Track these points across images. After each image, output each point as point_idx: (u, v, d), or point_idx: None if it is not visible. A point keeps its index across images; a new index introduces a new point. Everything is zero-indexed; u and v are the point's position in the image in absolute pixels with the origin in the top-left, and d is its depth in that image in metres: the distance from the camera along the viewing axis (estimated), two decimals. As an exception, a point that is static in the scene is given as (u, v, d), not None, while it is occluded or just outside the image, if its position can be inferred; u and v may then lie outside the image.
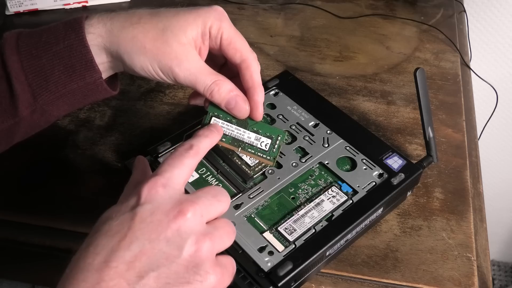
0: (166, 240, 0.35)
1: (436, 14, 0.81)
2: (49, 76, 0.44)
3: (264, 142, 0.49)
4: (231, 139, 0.48)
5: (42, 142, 0.60)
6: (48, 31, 0.45)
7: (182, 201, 0.37)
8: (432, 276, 0.50)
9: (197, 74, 0.44)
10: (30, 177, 0.57)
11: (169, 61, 0.43)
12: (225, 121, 0.48)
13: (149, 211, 0.36)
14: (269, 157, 0.49)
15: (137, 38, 0.43)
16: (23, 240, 0.53)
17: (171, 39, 0.43)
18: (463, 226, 0.54)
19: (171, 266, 0.35)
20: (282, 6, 0.82)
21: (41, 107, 0.45)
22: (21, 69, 0.44)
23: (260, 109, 0.47)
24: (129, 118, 0.64)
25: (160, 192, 0.38)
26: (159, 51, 0.43)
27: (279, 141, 0.49)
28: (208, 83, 0.45)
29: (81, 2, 0.80)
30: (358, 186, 0.51)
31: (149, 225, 0.36)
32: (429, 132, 0.56)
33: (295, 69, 0.71)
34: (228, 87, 0.45)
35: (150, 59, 0.44)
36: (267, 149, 0.49)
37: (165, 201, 0.37)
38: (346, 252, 0.51)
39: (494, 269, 1.55)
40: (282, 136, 0.49)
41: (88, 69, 0.44)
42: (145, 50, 0.43)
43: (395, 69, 0.72)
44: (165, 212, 0.36)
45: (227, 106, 0.46)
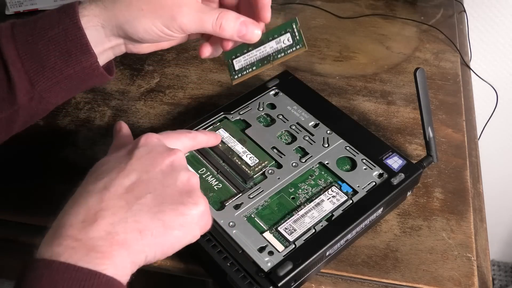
0: (161, 171, 0.41)
1: (436, 14, 0.81)
2: (45, 62, 0.44)
3: (285, 39, 0.49)
4: (260, 61, 0.50)
5: (42, 142, 0.60)
6: (42, 18, 0.45)
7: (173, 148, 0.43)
8: (432, 276, 0.50)
9: (201, 14, 0.45)
10: (30, 177, 0.57)
11: (169, 12, 0.44)
12: (244, 54, 0.49)
13: (145, 151, 0.42)
14: (299, 45, 0.49)
15: (132, 3, 0.44)
16: (23, 240, 0.53)
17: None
18: (463, 226, 0.54)
19: (166, 190, 0.40)
20: (282, 6, 0.82)
21: (39, 94, 0.45)
22: (17, 56, 0.44)
23: (268, 10, 0.47)
24: (129, 118, 0.64)
25: (155, 140, 0.43)
26: (156, 7, 0.44)
27: (296, 28, 0.49)
28: (214, 18, 0.45)
29: (81, 2, 0.80)
30: (358, 186, 0.51)
31: (146, 161, 0.41)
32: (429, 132, 0.56)
33: (295, 69, 0.71)
34: (234, 15, 0.46)
35: (150, 19, 0.44)
36: (292, 42, 0.49)
37: (160, 146, 0.43)
38: (346, 252, 0.51)
39: (494, 269, 1.55)
40: (295, 22, 0.49)
41: (83, 53, 0.44)
42: (143, 12, 0.44)
43: (395, 69, 0.72)
44: (159, 152, 0.42)
45: (239, 34, 0.46)
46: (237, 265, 0.45)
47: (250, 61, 0.49)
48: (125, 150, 0.43)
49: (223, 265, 0.45)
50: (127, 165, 0.40)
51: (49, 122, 0.63)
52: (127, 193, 0.38)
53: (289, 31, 0.49)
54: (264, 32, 0.48)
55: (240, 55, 0.49)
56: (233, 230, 0.47)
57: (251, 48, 0.49)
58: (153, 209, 0.38)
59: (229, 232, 0.47)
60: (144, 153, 0.41)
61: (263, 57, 0.49)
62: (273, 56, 0.49)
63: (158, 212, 0.38)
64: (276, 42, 0.49)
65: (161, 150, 0.42)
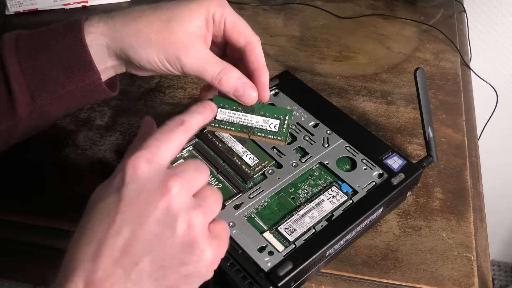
0: (156, 221, 0.34)
1: (436, 14, 0.81)
2: (47, 76, 0.44)
3: (272, 124, 0.48)
4: (240, 127, 0.48)
5: (42, 142, 0.60)
6: (47, 31, 0.45)
7: (167, 178, 0.36)
8: (432, 276, 0.50)
9: (205, 63, 0.44)
10: (30, 177, 0.57)
11: (175, 50, 0.43)
12: (231, 110, 0.47)
13: (135, 192, 0.35)
14: (280, 137, 0.48)
15: (141, 31, 0.43)
16: (23, 240, 0.53)
17: (176, 29, 0.43)
18: (463, 226, 0.54)
19: (165, 248, 0.34)
20: (282, 6, 0.82)
21: (40, 108, 0.45)
22: (19, 70, 0.44)
23: (267, 90, 0.47)
24: (129, 118, 0.64)
25: (145, 169, 0.36)
26: (165, 41, 0.43)
27: (287, 121, 0.48)
28: (216, 71, 0.44)
29: (81, 2, 0.80)
30: (358, 186, 0.51)
31: (137, 207, 0.35)
32: (429, 132, 0.56)
33: (295, 69, 0.71)
34: (237, 75, 0.45)
35: (156, 51, 0.43)
36: (277, 130, 0.48)
37: (150, 179, 0.36)
38: (346, 252, 0.51)
39: (494, 269, 1.55)
40: (290, 115, 0.48)
41: (86, 70, 0.44)
42: (150, 42, 0.43)
43: (395, 69, 0.72)
44: (151, 191, 0.35)
45: (236, 93, 0.45)
46: (237, 265, 0.45)
47: (232, 121, 0.47)
48: (116, 181, 0.36)
49: (223, 265, 0.45)
50: (117, 215, 0.34)
51: (49, 122, 0.63)
52: (123, 257, 0.34)
53: (280, 119, 0.48)
54: (269, 95, 0.47)
55: (227, 109, 0.47)
56: (233, 230, 0.47)
57: (241, 109, 0.47)
58: (154, 275, 0.34)
59: (229, 232, 0.47)
60: (134, 195, 0.35)
61: (245, 125, 0.48)
62: (254, 130, 0.48)
63: (160, 278, 0.35)
64: (264, 120, 0.48)
65: (153, 187, 0.35)
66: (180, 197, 0.35)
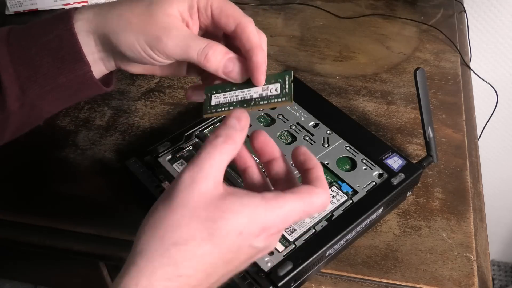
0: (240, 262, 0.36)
1: (436, 14, 0.81)
2: (38, 68, 0.43)
3: (273, 88, 0.43)
4: (239, 103, 0.43)
5: (42, 142, 0.60)
6: (38, 23, 0.44)
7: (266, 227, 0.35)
8: (432, 276, 0.50)
9: (188, 40, 0.41)
10: (30, 177, 0.57)
11: (156, 31, 0.42)
12: (225, 93, 0.43)
13: (230, 252, 0.35)
14: (285, 97, 0.42)
15: (123, 14, 0.42)
16: (23, 240, 0.53)
17: (157, 11, 0.42)
18: (463, 226, 0.54)
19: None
20: (282, 6, 0.82)
21: (31, 101, 0.44)
22: (9, 61, 0.43)
23: (261, 72, 0.41)
24: (129, 118, 0.64)
25: (242, 236, 0.35)
26: (145, 24, 0.42)
27: (288, 81, 0.43)
28: (201, 46, 0.41)
29: (81, 2, 0.80)
30: (358, 186, 0.51)
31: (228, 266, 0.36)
32: (429, 132, 0.56)
33: (295, 69, 0.71)
34: (223, 49, 0.42)
35: (136, 35, 0.42)
36: (279, 93, 0.42)
37: (246, 241, 0.35)
38: (346, 252, 0.51)
39: (494, 269, 1.55)
40: (289, 75, 0.43)
41: (77, 60, 0.43)
42: (131, 26, 0.42)
43: (395, 69, 0.72)
44: (246, 250, 0.36)
45: (225, 70, 0.42)
46: (237, 265, 0.45)
47: (229, 100, 0.43)
48: (206, 231, 0.34)
49: (223, 265, 0.45)
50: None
51: (49, 122, 0.63)
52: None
53: (280, 82, 0.43)
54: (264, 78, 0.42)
55: (221, 92, 0.43)
56: (233, 230, 0.47)
57: (235, 89, 0.43)
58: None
59: None
60: (229, 256, 0.35)
61: (243, 99, 0.43)
62: (254, 101, 0.42)
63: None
64: (262, 88, 0.43)
65: (249, 251, 0.36)
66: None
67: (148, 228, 0.34)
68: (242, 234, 0.34)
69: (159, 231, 0.34)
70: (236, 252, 0.35)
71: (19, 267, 0.68)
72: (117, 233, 0.52)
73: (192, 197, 0.34)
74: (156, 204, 0.35)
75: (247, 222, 0.34)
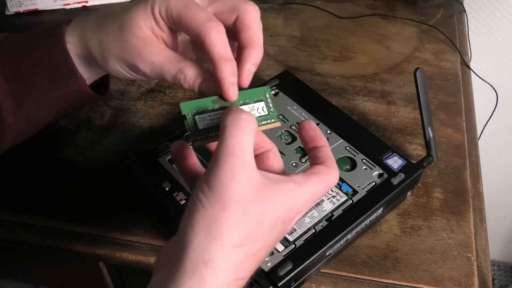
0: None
1: (436, 14, 0.81)
2: (31, 83, 0.43)
3: (259, 107, 0.41)
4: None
5: (42, 142, 0.60)
6: (29, 37, 0.44)
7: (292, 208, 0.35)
8: (432, 276, 0.50)
9: (162, 65, 0.40)
10: (30, 177, 0.57)
11: (133, 59, 0.41)
12: (210, 113, 0.39)
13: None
14: (273, 119, 0.40)
15: (103, 42, 0.42)
16: (23, 240, 0.53)
17: (128, 36, 0.41)
18: (463, 226, 0.54)
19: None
20: (282, 6, 0.82)
21: (27, 115, 0.44)
22: (1, 76, 0.43)
23: (227, 87, 0.38)
24: (129, 118, 0.64)
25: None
26: (123, 51, 0.41)
27: (269, 98, 0.41)
28: (173, 73, 0.40)
29: (81, 2, 0.80)
30: (358, 186, 0.51)
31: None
32: (429, 132, 0.56)
33: (295, 69, 0.71)
34: (194, 73, 0.39)
35: (118, 61, 0.42)
36: (267, 113, 0.40)
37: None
38: (346, 252, 0.51)
39: (494, 269, 1.55)
40: (268, 91, 0.41)
41: (70, 76, 0.43)
42: (110, 53, 0.42)
43: (395, 69, 0.72)
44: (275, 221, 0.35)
45: (199, 94, 0.40)
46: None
47: (217, 123, 0.38)
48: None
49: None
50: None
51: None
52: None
53: (263, 99, 0.40)
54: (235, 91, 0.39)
55: (204, 112, 0.38)
56: (233, 230, 0.47)
57: (217, 106, 0.38)
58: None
59: None
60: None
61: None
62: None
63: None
64: (249, 108, 0.40)
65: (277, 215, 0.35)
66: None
67: (200, 231, 0.32)
68: (284, 222, 0.35)
69: (216, 234, 0.32)
70: (278, 238, 0.36)
71: (19, 267, 0.68)
72: (117, 233, 0.52)
73: (240, 192, 0.33)
74: (195, 201, 0.33)
75: (288, 210, 0.34)
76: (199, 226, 0.32)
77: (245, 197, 0.33)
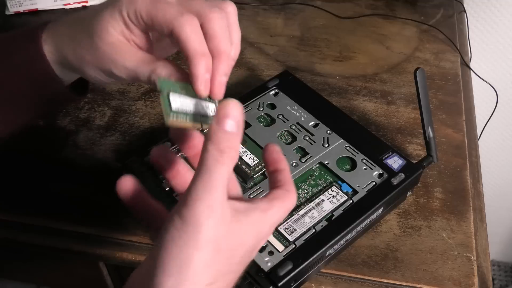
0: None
1: (436, 14, 0.81)
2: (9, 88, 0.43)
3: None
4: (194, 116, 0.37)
5: (42, 142, 0.60)
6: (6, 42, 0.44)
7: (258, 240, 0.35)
8: (432, 276, 0.50)
9: (135, 68, 0.40)
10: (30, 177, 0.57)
11: (106, 65, 0.41)
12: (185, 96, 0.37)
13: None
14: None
15: (76, 51, 0.42)
16: (23, 240, 0.53)
17: (99, 43, 0.41)
18: (463, 226, 0.54)
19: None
20: (282, 6, 0.82)
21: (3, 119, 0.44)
22: None
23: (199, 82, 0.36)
24: (129, 118, 0.64)
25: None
26: (96, 59, 0.41)
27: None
28: (146, 75, 0.39)
29: (81, 2, 0.80)
30: (358, 186, 0.51)
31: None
32: (429, 132, 0.56)
33: (295, 69, 0.71)
34: (168, 73, 0.38)
35: (93, 69, 0.42)
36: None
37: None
38: (346, 252, 0.51)
39: (494, 269, 1.55)
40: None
41: (50, 81, 0.43)
42: (86, 61, 0.42)
43: (395, 69, 0.72)
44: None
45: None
46: (237, 265, 0.45)
47: (187, 109, 0.37)
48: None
49: (223, 265, 0.45)
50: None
51: (49, 122, 0.63)
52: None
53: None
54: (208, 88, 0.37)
55: (179, 92, 0.37)
56: (233, 230, 0.47)
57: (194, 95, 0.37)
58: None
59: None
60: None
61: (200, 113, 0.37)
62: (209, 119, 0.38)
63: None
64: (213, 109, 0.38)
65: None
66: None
67: (173, 273, 0.31)
68: (252, 251, 0.35)
69: (189, 275, 0.31)
70: (245, 266, 0.36)
71: (19, 267, 0.68)
72: (117, 233, 0.52)
73: (215, 230, 0.31)
74: (167, 236, 0.32)
75: (256, 240, 0.34)
76: (171, 266, 0.31)
77: (219, 235, 0.32)
